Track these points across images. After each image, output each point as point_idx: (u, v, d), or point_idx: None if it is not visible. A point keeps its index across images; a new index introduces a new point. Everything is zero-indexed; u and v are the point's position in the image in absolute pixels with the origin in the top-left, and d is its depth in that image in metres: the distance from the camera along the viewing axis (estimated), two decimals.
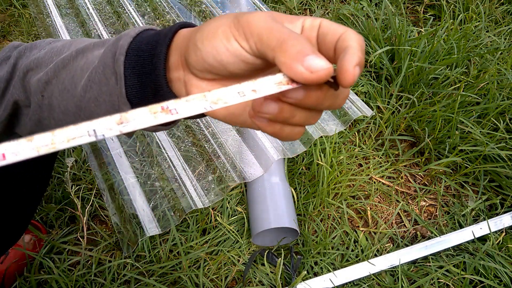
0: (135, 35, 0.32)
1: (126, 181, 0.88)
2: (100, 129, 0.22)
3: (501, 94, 1.07)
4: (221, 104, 0.24)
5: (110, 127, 0.23)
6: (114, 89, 0.32)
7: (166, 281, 0.80)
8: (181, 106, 0.24)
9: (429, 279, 0.82)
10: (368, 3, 1.35)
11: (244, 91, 0.25)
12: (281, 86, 0.25)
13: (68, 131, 0.22)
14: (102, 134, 0.22)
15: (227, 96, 0.24)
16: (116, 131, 0.23)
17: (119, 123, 0.23)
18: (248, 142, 0.96)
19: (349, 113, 1.00)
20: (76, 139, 0.22)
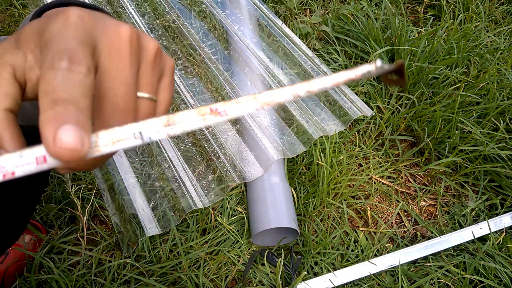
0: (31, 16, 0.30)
1: (126, 181, 0.88)
2: (146, 131, 0.21)
3: (501, 94, 1.07)
4: (274, 105, 0.24)
5: (157, 129, 0.21)
6: None
7: (166, 281, 0.80)
8: (231, 108, 0.23)
9: (429, 279, 0.82)
10: (368, 3, 1.35)
11: (298, 92, 0.24)
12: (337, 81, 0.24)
13: (113, 133, 0.21)
14: (149, 137, 0.21)
15: (279, 97, 0.23)
16: (163, 133, 0.22)
17: (166, 125, 0.22)
18: (248, 142, 0.96)
19: (349, 113, 1.00)
20: (122, 141, 0.21)
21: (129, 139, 0.21)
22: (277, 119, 1.01)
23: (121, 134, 0.21)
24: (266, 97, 0.23)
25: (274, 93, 0.23)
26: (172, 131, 0.22)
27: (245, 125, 0.98)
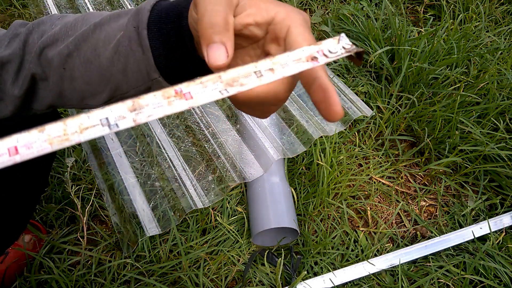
0: (150, 8, 0.34)
1: (126, 181, 0.88)
2: (112, 117, 0.21)
3: (501, 94, 1.07)
4: (238, 87, 0.23)
5: (123, 114, 0.21)
6: (141, 60, 0.35)
7: (166, 281, 0.80)
8: (196, 88, 0.23)
9: (429, 279, 0.82)
10: (368, 3, 1.35)
11: (261, 71, 0.24)
12: (299, 64, 0.25)
13: (80, 119, 0.20)
14: (115, 124, 0.21)
15: (243, 78, 0.24)
16: (130, 120, 0.21)
17: (132, 109, 0.21)
18: (248, 142, 0.96)
19: (349, 113, 1.00)
20: (90, 129, 0.20)
21: (96, 126, 0.20)
22: (277, 119, 1.01)
23: (88, 121, 0.20)
24: (230, 75, 0.24)
25: (238, 69, 0.24)
26: (138, 117, 0.21)
27: (245, 125, 0.98)
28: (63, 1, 1.27)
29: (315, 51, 0.26)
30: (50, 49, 0.39)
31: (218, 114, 1.02)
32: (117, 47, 0.35)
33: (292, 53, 0.25)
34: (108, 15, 0.37)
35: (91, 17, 0.39)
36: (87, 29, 0.37)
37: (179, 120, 1.02)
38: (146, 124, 0.98)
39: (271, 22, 0.29)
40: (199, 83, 0.23)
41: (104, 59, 0.36)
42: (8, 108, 0.42)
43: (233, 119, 1.02)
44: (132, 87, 0.37)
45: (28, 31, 0.41)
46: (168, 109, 0.22)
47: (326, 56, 0.25)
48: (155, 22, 0.34)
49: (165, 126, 0.99)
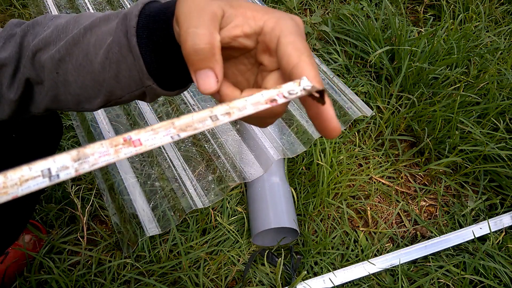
0: (138, 13, 0.33)
1: (126, 181, 0.88)
2: (54, 167, 0.20)
3: (501, 94, 1.07)
4: (191, 131, 0.23)
5: (66, 164, 0.20)
6: (133, 66, 0.34)
7: (166, 281, 0.80)
8: (146, 136, 0.22)
9: (429, 279, 0.82)
10: (368, 3, 1.35)
11: (217, 116, 0.24)
12: (258, 106, 0.25)
13: (21, 172, 0.20)
14: (57, 175, 0.20)
15: (198, 123, 0.23)
16: (72, 170, 0.20)
17: (76, 159, 0.21)
18: (248, 142, 0.96)
19: (349, 113, 1.00)
20: (29, 181, 0.19)
21: (37, 178, 0.20)
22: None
23: (29, 172, 0.20)
24: (183, 121, 0.23)
25: (193, 116, 0.23)
26: (81, 166, 0.21)
27: (245, 125, 0.98)
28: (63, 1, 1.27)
29: (275, 94, 0.26)
30: (43, 53, 0.38)
31: None
32: (107, 52, 0.35)
33: (251, 97, 0.25)
34: (98, 18, 0.37)
35: (82, 19, 0.38)
36: (78, 33, 0.37)
37: None
38: (146, 124, 0.98)
39: (260, 32, 0.28)
40: (150, 130, 0.22)
41: (96, 64, 0.36)
42: (5, 111, 0.42)
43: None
44: (127, 92, 0.37)
45: (23, 32, 0.40)
46: (114, 157, 0.21)
47: (285, 97, 0.26)
48: (143, 28, 0.33)
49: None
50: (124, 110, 1.03)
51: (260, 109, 0.25)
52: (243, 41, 0.29)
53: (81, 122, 1.00)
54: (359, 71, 1.17)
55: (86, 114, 1.00)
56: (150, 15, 0.33)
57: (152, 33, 0.33)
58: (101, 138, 0.95)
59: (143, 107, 1.01)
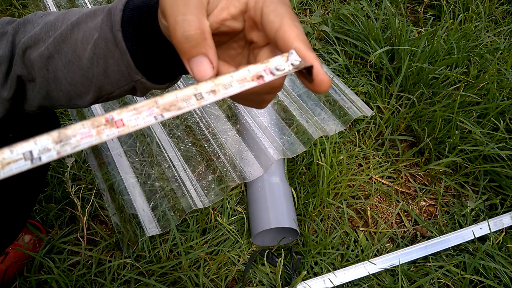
0: (122, 7, 0.33)
1: (126, 181, 0.88)
2: (36, 149, 0.20)
3: (501, 94, 1.07)
4: (175, 111, 0.22)
5: (47, 146, 0.20)
6: (121, 61, 0.34)
7: (166, 281, 0.80)
8: (128, 115, 0.21)
9: (429, 279, 0.82)
10: (368, 3, 1.35)
11: (202, 93, 0.23)
12: (244, 84, 0.24)
13: (2, 155, 0.19)
14: (39, 157, 0.20)
15: (182, 101, 0.23)
16: (54, 152, 0.20)
17: (58, 141, 0.20)
18: (248, 142, 0.96)
19: (349, 113, 1.00)
20: (11, 164, 0.19)
21: (19, 161, 0.19)
22: (277, 119, 1.01)
23: (10, 155, 0.19)
24: (167, 99, 0.22)
25: (176, 94, 0.23)
26: (63, 148, 0.20)
27: (245, 125, 0.98)
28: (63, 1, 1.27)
29: (261, 69, 0.25)
30: (32, 50, 0.38)
31: (218, 114, 1.02)
32: (94, 48, 0.35)
33: (237, 73, 0.25)
34: (85, 14, 0.37)
35: (70, 15, 0.38)
36: (65, 29, 0.37)
37: (179, 120, 1.02)
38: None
39: (245, 10, 0.28)
40: (132, 110, 0.22)
41: (85, 59, 0.36)
42: (0, 110, 0.42)
43: (233, 119, 1.02)
44: (116, 87, 0.37)
45: (15, 31, 0.40)
46: (97, 138, 0.21)
47: (272, 74, 0.25)
48: (128, 22, 0.33)
49: (165, 126, 0.99)
50: None
51: (247, 87, 0.24)
52: (231, 24, 0.28)
53: None
54: (359, 71, 1.17)
55: (85, 114, 1.00)
56: (134, 8, 0.33)
57: (137, 26, 0.33)
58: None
59: None
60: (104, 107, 1.01)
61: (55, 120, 0.59)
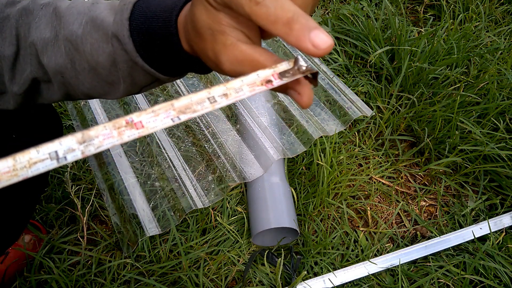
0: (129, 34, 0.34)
1: (126, 181, 0.88)
2: (61, 150, 0.21)
3: (501, 94, 1.07)
4: (190, 114, 0.24)
5: (72, 146, 0.21)
6: (147, 75, 0.36)
7: (166, 281, 0.80)
8: (147, 118, 0.23)
9: (429, 279, 0.82)
10: (368, 3, 1.35)
11: (215, 97, 0.24)
12: (254, 88, 0.25)
13: (29, 154, 0.21)
14: (64, 157, 0.21)
15: (196, 104, 0.24)
16: (78, 152, 0.21)
17: (81, 141, 0.22)
18: (248, 142, 0.96)
19: (349, 113, 1.00)
20: (38, 163, 0.21)
21: (45, 161, 0.21)
22: (277, 119, 1.01)
23: (37, 155, 0.21)
24: (182, 102, 0.24)
25: (191, 97, 0.24)
26: (87, 148, 0.22)
27: (245, 125, 0.98)
28: None
29: (269, 74, 0.26)
30: (43, 55, 0.38)
31: (218, 114, 1.02)
32: (114, 64, 0.36)
33: (247, 77, 0.25)
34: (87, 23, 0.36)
35: (69, 16, 0.38)
36: (73, 39, 0.37)
37: None
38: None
39: None
40: (150, 112, 0.23)
41: (100, 69, 0.37)
42: (11, 103, 0.42)
43: (233, 119, 1.02)
44: (143, 86, 0.39)
45: (17, 23, 0.39)
46: (118, 139, 0.22)
47: (281, 79, 0.26)
48: (141, 47, 0.35)
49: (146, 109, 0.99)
50: (124, 110, 1.03)
51: (256, 91, 0.25)
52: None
53: (81, 122, 1.00)
54: (359, 71, 1.17)
55: (86, 114, 1.00)
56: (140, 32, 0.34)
57: (150, 46, 0.35)
58: None
59: (143, 107, 1.01)
60: (104, 107, 1.01)
61: (58, 122, 0.59)
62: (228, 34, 0.28)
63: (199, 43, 0.30)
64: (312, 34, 0.23)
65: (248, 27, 0.29)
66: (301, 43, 0.23)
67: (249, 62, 0.28)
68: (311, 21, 0.24)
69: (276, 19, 0.24)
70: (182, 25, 0.33)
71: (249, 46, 0.28)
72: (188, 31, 0.31)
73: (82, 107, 1.02)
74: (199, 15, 0.29)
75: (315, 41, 0.23)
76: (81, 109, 1.02)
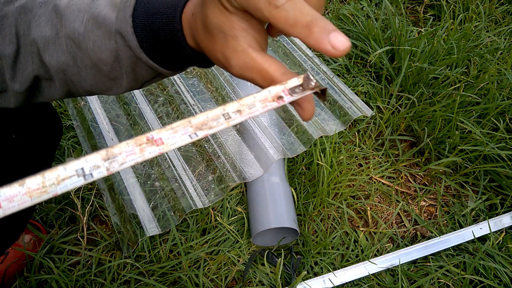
0: (133, 31, 0.34)
1: (126, 181, 0.88)
2: (87, 167, 0.22)
3: (501, 94, 1.07)
4: (206, 130, 0.25)
5: (97, 163, 0.22)
6: (150, 69, 0.37)
7: (166, 281, 0.80)
8: (166, 134, 0.24)
9: (429, 279, 0.82)
10: (368, 3, 1.35)
11: (229, 113, 0.26)
12: (266, 104, 0.26)
13: (57, 172, 0.22)
14: (90, 174, 0.22)
15: (212, 121, 0.25)
16: (104, 169, 0.22)
17: (106, 158, 0.23)
18: (248, 142, 0.96)
19: (349, 113, 1.00)
20: (66, 180, 0.22)
21: (72, 177, 0.22)
22: (277, 119, 1.01)
23: (64, 172, 0.22)
24: (199, 119, 0.25)
25: (207, 114, 0.25)
26: (112, 165, 0.22)
27: (245, 125, 0.98)
28: None
29: (280, 90, 0.27)
30: (45, 54, 0.38)
31: None
32: (117, 60, 0.36)
33: (259, 94, 0.27)
34: (89, 21, 0.36)
35: (69, 14, 0.37)
36: (74, 37, 0.37)
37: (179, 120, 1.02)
38: (146, 124, 0.98)
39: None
40: (169, 129, 0.24)
41: (103, 66, 0.37)
42: (12, 101, 0.42)
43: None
44: (145, 81, 0.39)
45: (16, 21, 0.39)
46: (140, 156, 0.23)
47: (291, 95, 0.27)
48: (144, 43, 0.35)
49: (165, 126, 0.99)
50: (124, 110, 1.03)
51: (269, 107, 0.26)
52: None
53: (81, 122, 1.00)
54: (359, 71, 1.17)
55: (86, 114, 1.00)
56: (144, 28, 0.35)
57: (153, 44, 0.36)
58: (101, 138, 0.95)
59: (143, 107, 1.01)
60: (104, 107, 1.01)
61: (57, 121, 0.59)
62: (240, 40, 0.29)
63: (209, 43, 0.31)
64: (331, 36, 0.24)
65: (259, 31, 0.30)
66: (321, 45, 0.25)
67: (258, 70, 0.29)
68: (329, 24, 0.25)
69: (295, 22, 0.25)
70: (187, 21, 0.33)
71: (259, 54, 0.29)
72: (197, 29, 0.32)
73: (82, 107, 1.02)
74: (211, 17, 0.29)
75: (334, 43, 0.24)
76: (81, 109, 1.02)
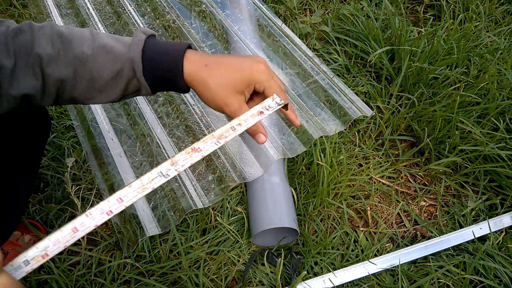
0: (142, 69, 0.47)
1: (126, 181, 0.88)
2: (164, 169, 0.38)
3: (501, 94, 1.07)
4: (223, 139, 0.41)
5: (168, 168, 0.38)
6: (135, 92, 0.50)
7: (166, 281, 0.80)
8: (201, 144, 0.40)
9: (429, 279, 0.82)
10: (368, 3, 1.35)
11: (234, 126, 0.43)
12: (254, 117, 0.44)
13: (150, 175, 0.38)
14: (167, 174, 0.38)
15: (226, 132, 0.42)
16: (173, 170, 0.38)
17: (172, 164, 0.38)
18: (248, 142, 0.96)
19: (349, 113, 1.00)
20: (154, 180, 0.38)
21: (157, 178, 0.38)
22: (277, 119, 1.01)
23: (152, 175, 0.38)
24: (218, 132, 0.41)
25: (222, 128, 0.42)
26: (177, 167, 0.39)
27: None
28: (63, 1, 1.27)
29: (261, 107, 0.45)
30: (47, 67, 0.44)
31: (218, 114, 1.02)
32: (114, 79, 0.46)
33: (249, 111, 0.45)
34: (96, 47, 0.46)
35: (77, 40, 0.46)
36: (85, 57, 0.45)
37: (179, 120, 1.02)
38: (146, 124, 0.98)
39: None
40: (202, 141, 0.40)
41: (100, 81, 0.46)
42: (4, 107, 0.43)
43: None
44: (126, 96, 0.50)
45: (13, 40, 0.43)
46: (191, 160, 0.39)
47: (267, 110, 0.45)
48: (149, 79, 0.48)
49: (165, 126, 0.99)
50: (124, 110, 1.03)
51: (256, 119, 0.44)
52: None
53: (81, 122, 1.00)
54: (359, 71, 1.17)
55: (86, 114, 1.00)
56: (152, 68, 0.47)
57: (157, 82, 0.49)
58: (101, 138, 0.95)
59: (143, 107, 1.01)
60: (104, 107, 1.01)
61: (46, 118, 0.60)
62: (238, 103, 0.48)
63: (209, 100, 0.48)
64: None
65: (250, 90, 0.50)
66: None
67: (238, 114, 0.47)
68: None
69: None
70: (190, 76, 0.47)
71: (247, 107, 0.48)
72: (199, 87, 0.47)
73: (82, 107, 1.02)
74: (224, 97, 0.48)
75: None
76: (81, 109, 1.02)
